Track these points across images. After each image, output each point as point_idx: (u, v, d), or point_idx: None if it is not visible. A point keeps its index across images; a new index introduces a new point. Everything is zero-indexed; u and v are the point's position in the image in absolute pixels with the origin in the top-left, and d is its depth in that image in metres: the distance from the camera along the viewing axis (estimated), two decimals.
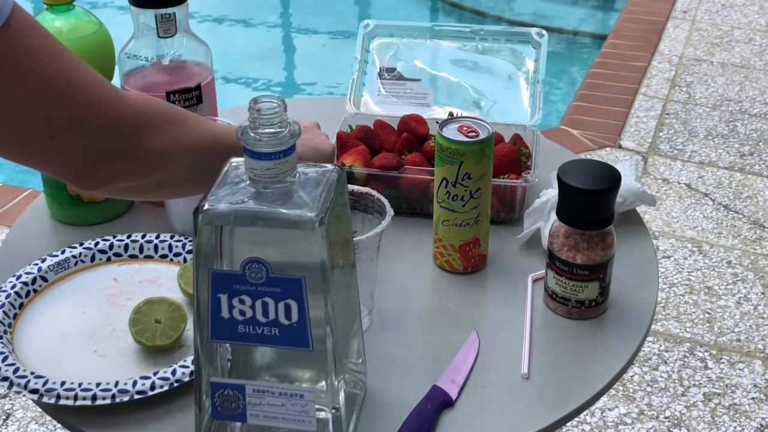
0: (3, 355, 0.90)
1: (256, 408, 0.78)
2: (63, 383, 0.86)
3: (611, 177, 0.96)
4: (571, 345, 0.97)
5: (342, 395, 0.79)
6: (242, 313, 0.74)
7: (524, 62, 1.28)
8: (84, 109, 0.76)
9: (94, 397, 0.85)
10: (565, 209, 0.98)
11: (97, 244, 1.08)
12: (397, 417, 0.85)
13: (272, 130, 0.71)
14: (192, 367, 0.88)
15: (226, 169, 0.77)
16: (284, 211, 0.72)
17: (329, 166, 0.77)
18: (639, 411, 1.90)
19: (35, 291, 1.02)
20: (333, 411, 0.78)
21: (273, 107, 0.72)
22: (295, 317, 0.73)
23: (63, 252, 1.06)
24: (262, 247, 0.73)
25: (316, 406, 0.77)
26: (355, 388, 0.86)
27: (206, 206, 0.73)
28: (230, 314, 0.74)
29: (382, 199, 0.95)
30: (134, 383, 0.86)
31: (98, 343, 0.95)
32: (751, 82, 3.32)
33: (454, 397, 0.88)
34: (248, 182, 0.74)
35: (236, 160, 0.77)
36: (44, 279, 1.03)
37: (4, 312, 0.97)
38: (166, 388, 0.87)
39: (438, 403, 0.87)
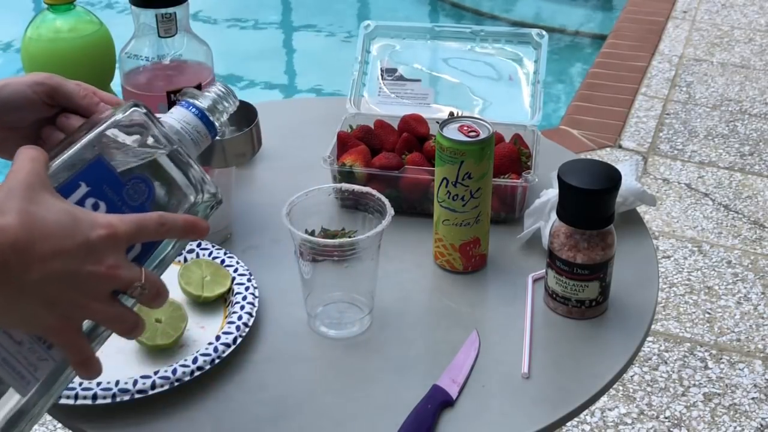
0: None
1: (18, 325, 0.66)
2: None
3: (611, 177, 0.97)
4: (572, 345, 0.97)
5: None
6: None
7: (524, 63, 1.29)
8: None
9: (94, 397, 0.85)
10: (566, 209, 0.98)
11: None
12: (397, 417, 0.85)
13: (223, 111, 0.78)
14: (192, 367, 0.89)
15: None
16: (196, 167, 0.73)
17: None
18: (639, 411, 1.90)
19: None
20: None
21: (234, 101, 0.79)
22: (130, 259, 0.68)
23: None
24: (158, 178, 0.70)
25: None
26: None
27: (147, 109, 0.71)
28: None
29: (383, 198, 0.95)
30: (135, 382, 0.86)
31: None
32: (751, 82, 3.32)
33: (454, 397, 0.89)
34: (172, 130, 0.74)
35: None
36: None
37: None
38: (166, 387, 0.87)
39: (438, 402, 0.87)
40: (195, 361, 0.89)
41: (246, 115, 1.06)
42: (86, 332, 0.67)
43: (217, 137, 0.78)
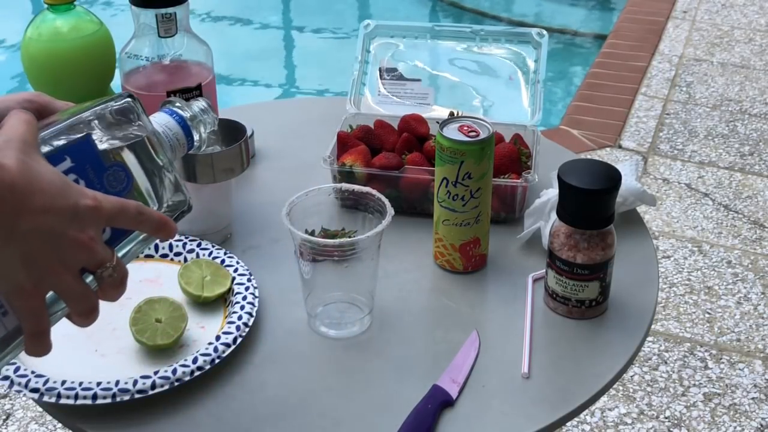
0: None
1: None
2: (63, 382, 0.86)
3: (611, 177, 0.97)
4: (572, 345, 0.97)
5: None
6: None
7: (525, 62, 1.29)
8: None
9: (94, 396, 0.85)
10: (566, 209, 0.98)
11: None
12: (397, 416, 0.86)
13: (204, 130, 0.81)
14: (192, 367, 0.89)
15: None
16: (170, 173, 0.75)
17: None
18: (639, 411, 1.90)
19: None
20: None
21: (213, 120, 0.82)
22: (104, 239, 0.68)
23: None
24: (138, 169, 0.72)
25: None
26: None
27: (139, 104, 0.73)
28: None
29: (383, 198, 0.95)
30: (135, 382, 0.86)
31: (99, 342, 0.95)
32: (751, 82, 3.32)
33: (454, 397, 0.89)
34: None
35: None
36: None
37: None
38: (166, 387, 0.87)
39: (438, 402, 0.87)
40: (195, 361, 0.89)
41: (234, 134, 1.07)
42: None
43: (195, 150, 0.81)
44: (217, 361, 0.90)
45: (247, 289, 1.00)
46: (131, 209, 0.68)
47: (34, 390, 0.86)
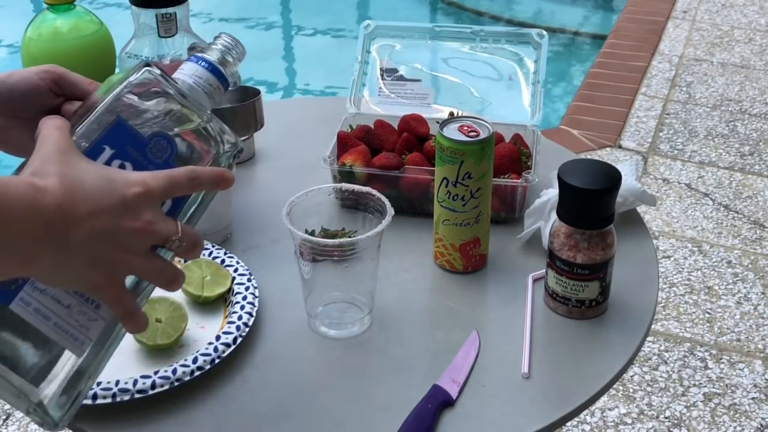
0: None
1: (36, 295, 0.66)
2: None
3: (611, 177, 0.97)
4: (572, 344, 0.97)
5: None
6: None
7: (524, 63, 1.29)
8: None
9: (94, 396, 0.85)
10: (566, 209, 0.98)
11: None
12: (397, 416, 0.86)
13: (230, 61, 0.78)
14: (192, 367, 0.89)
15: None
16: (209, 122, 0.74)
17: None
18: (639, 411, 1.90)
19: None
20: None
21: (239, 48, 0.79)
22: (164, 211, 0.70)
23: None
24: (176, 133, 0.72)
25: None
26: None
27: (160, 69, 0.72)
28: None
29: (383, 198, 0.95)
30: (135, 382, 0.86)
31: None
32: (751, 82, 3.32)
33: (454, 397, 0.89)
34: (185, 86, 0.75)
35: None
36: None
37: None
38: (166, 387, 0.87)
39: (438, 402, 0.87)
40: (195, 361, 0.89)
41: (246, 97, 1.07)
42: (130, 288, 0.70)
43: (230, 87, 0.79)
44: (217, 361, 0.90)
45: (247, 289, 1.00)
46: (182, 178, 0.68)
47: None
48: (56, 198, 0.61)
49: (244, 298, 0.98)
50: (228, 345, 0.92)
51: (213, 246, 1.07)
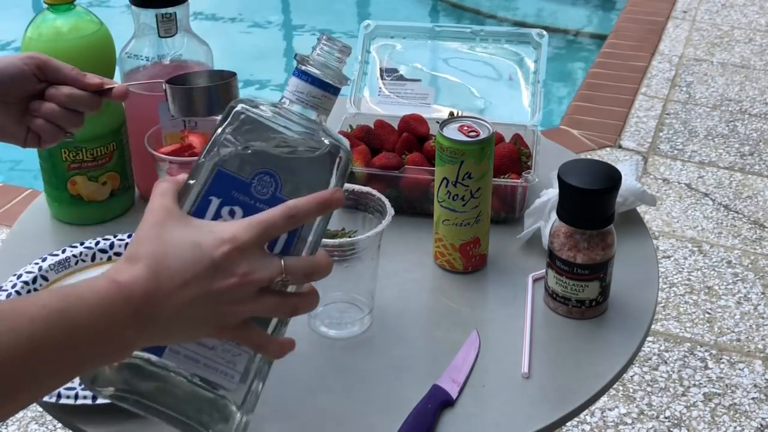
0: None
1: (182, 345, 0.71)
2: None
3: (611, 177, 0.97)
4: (572, 344, 0.97)
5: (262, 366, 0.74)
6: None
7: (524, 62, 1.29)
8: None
9: (94, 396, 0.85)
10: (566, 209, 0.98)
11: (97, 243, 1.08)
12: (397, 416, 0.85)
13: (333, 64, 0.74)
14: None
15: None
16: (314, 137, 0.71)
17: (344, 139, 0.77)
18: (639, 411, 1.90)
19: (36, 290, 1.02)
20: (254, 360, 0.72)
21: (342, 48, 0.74)
22: (278, 250, 0.69)
23: (64, 251, 1.06)
24: (280, 166, 0.70)
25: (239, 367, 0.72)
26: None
27: (243, 105, 0.71)
28: None
29: (383, 198, 0.95)
30: None
31: None
32: (751, 82, 3.32)
33: (454, 397, 0.89)
34: (285, 105, 0.73)
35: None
36: (45, 278, 1.03)
37: None
38: None
39: (438, 402, 0.87)
40: None
41: (221, 80, 1.06)
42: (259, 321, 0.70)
43: (340, 89, 0.76)
44: None
45: None
46: (277, 220, 0.67)
47: None
48: (140, 286, 0.63)
49: None
50: None
51: None
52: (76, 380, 0.86)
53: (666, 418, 1.88)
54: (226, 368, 0.72)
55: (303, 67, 0.73)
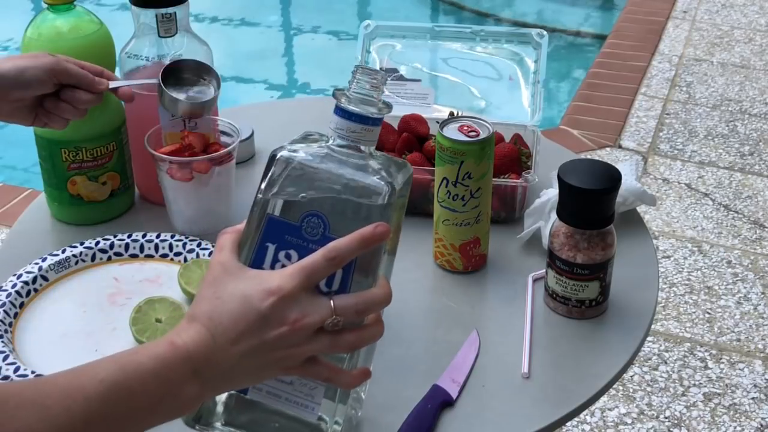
0: (4, 354, 0.90)
1: (263, 382, 0.74)
2: None
3: (611, 177, 0.97)
4: (572, 344, 0.97)
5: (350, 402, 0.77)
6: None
7: (524, 62, 1.29)
8: None
9: None
10: (566, 209, 0.98)
11: (97, 243, 1.08)
12: (397, 416, 0.85)
13: (369, 95, 0.75)
14: None
15: (301, 134, 0.78)
16: (358, 174, 0.72)
17: (398, 159, 0.78)
18: (639, 411, 1.90)
19: (36, 290, 1.02)
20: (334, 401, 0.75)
21: (374, 76, 0.75)
22: (336, 286, 0.71)
23: (64, 251, 1.06)
24: (325, 206, 0.72)
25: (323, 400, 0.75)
26: (355, 404, 0.82)
27: (284, 153, 0.73)
28: (272, 268, 0.71)
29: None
30: None
31: (99, 342, 0.95)
32: (751, 82, 3.32)
33: (454, 397, 0.89)
34: (327, 142, 0.75)
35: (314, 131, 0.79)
36: (45, 278, 1.03)
37: (5, 311, 0.97)
38: None
39: (438, 402, 0.87)
40: None
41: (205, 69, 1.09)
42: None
43: (383, 117, 0.77)
44: None
45: None
46: (318, 264, 0.68)
47: None
48: (197, 344, 0.66)
49: None
50: None
51: (213, 246, 1.07)
52: None
53: (666, 418, 1.88)
54: (305, 401, 0.74)
55: (341, 105, 0.74)
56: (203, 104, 1.07)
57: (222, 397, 0.76)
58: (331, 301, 0.69)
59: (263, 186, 0.73)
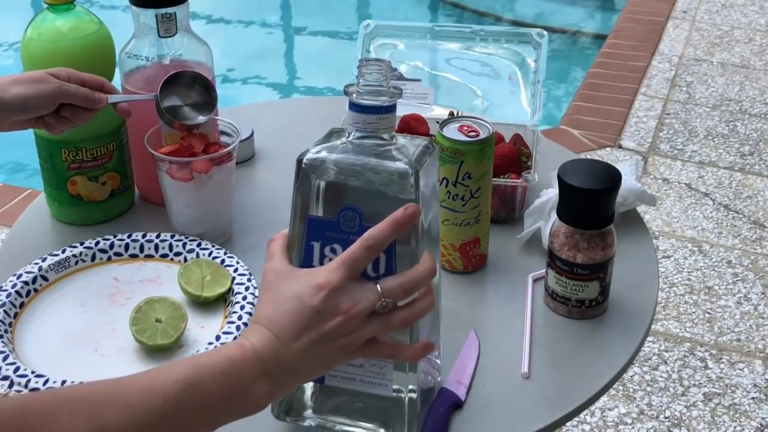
0: (3, 354, 0.90)
1: (335, 368, 0.79)
2: (64, 382, 0.86)
3: (611, 177, 0.97)
4: (572, 344, 0.97)
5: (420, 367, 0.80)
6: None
7: (524, 62, 1.29)
8: None
9: None
10: (566, 209, 0.98)
11: (97, 243, 1.08)
12: None
13: (378, 85, 0.77)
14: None
15: (325, 133, 0.80)
16: (381, 161, 0.75)
17: (421, 139, 0.80)
18: (639, 411, 1.90)
19: (36, 290, 1.02)
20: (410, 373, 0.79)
21: (379, 65, 0.77)
22: (382, 269, 0.74)
23: (64, 251, 1.06)
24: (357, 197, 0.75)
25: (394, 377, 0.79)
26: (432, 371, 0.87)
27: (309, 156, 0.76)
28: (321, 264, 0.76)
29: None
30: None
31: (99, 342, 0.95)
32: (751, 82, 3.32)
33: (463, 398, 0.88)
34: (348, 137, 0.78)
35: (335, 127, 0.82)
36: (45, 278, 1.03)
37: (5, 311, 0.97)
38: None
39: (449, 405, 0.87)
40: None
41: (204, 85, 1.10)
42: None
43: (396, 104, 0.79)
44: None
45: (247, 289, 1.00)
46: (357, 254, 0.72)
47: (34, 390, 0.86)
48: (264, 345, 0.71)
49: (244, 298, 0.98)
50: None
51: (213, 246, 1.07)
52: (76, 381, 0.86)
53: (666, 418, 1.88)
54: (377, 378, 0.79)
55: (354, 99, 0.77)
56: (198, 125, 1.08)
57: (308, 388, 0.82)
58: (378, 286, 0.72)
59: (296, 189, 0.76)
